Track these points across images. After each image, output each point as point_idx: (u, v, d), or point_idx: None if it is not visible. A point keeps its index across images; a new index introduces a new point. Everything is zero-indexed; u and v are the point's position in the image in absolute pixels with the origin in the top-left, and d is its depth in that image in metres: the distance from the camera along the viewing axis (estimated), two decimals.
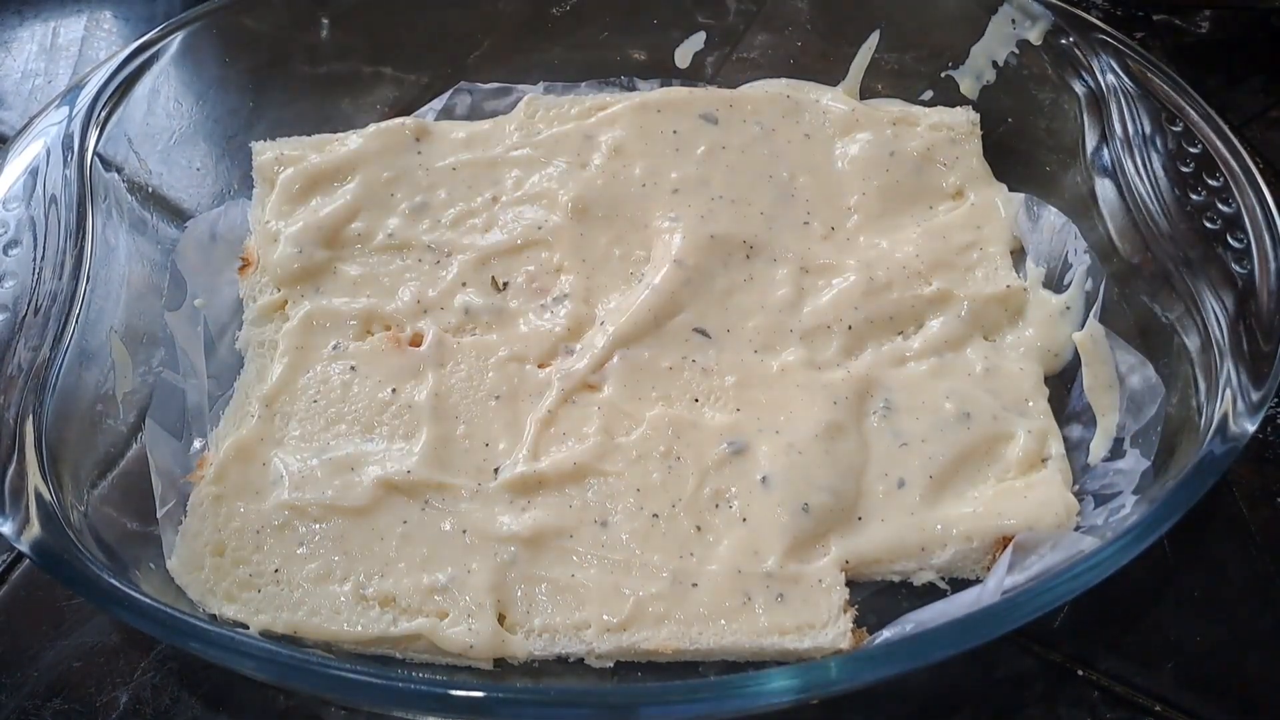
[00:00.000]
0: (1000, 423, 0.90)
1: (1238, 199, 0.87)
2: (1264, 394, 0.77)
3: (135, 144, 0.99)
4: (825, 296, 0.98)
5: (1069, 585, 0.69)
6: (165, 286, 0.98)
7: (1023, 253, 1.03)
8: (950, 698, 0.84)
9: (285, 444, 0.90)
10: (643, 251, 1.02)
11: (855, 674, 0.68)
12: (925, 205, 1.05)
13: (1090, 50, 0.98)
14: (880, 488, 0.87)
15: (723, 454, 0.88)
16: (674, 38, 1.18)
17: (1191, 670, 0.84)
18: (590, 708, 0.66)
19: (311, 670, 0.66)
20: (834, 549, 0.84)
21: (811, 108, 1.11)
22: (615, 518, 0.85)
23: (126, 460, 0.89)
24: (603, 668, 0.81)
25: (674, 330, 0.95)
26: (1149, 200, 0.90)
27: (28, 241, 0.86)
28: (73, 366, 0.84)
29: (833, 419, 0.89)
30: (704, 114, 1.09)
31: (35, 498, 0.74)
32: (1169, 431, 0.84)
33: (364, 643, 0.81)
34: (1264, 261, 0.83)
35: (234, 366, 0.97)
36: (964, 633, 0.69)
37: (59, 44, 1.32)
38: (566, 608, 0.81)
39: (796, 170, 1.06)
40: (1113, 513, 0.82)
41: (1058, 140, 1.01)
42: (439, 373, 0.93)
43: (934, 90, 1.13)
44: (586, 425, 0.90)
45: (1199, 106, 0.92)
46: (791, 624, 0.81)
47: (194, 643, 0.68)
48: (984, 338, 0.97)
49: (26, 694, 0.83)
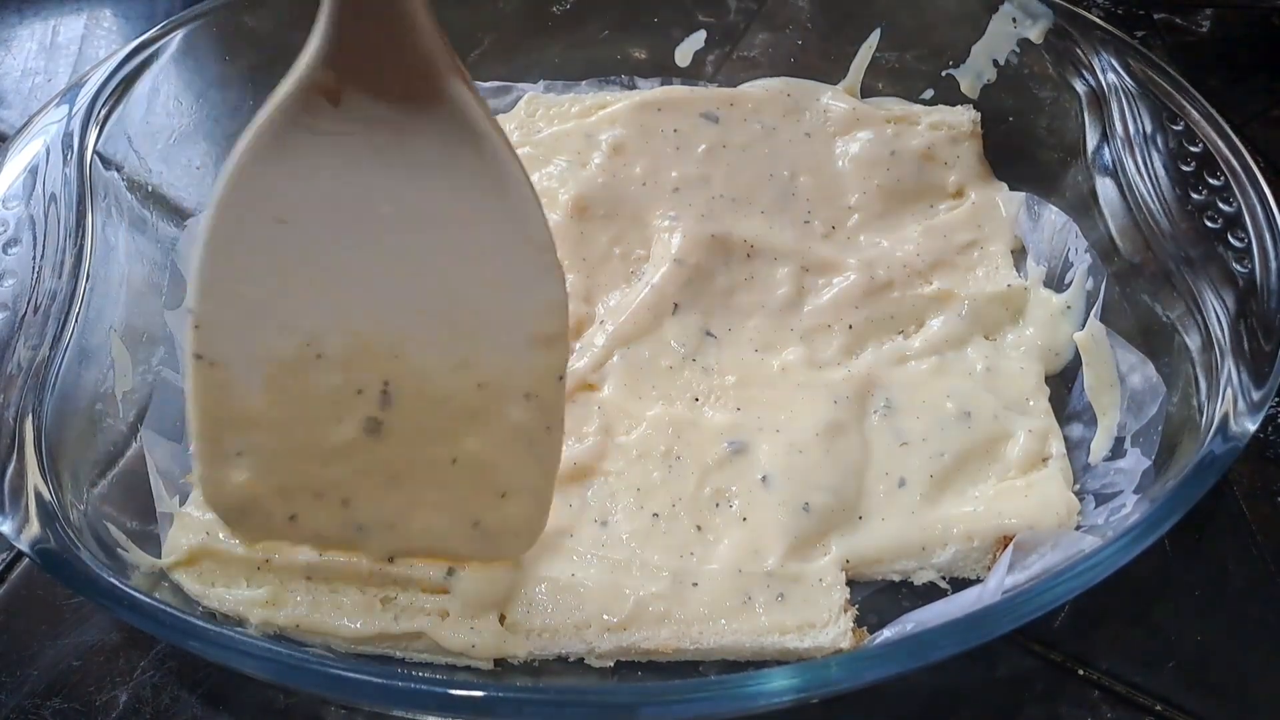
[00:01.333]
0: (1001, 422, 0.90)
1: (1239, 198, 0.87)
2: (1265, 393, 0.77)
3: (135, 142, 0.99)
4: (826, 295, 0.98)
5: (1070, 584, 0.69)
6: (165, 285, 0.97)
7: (1023, 252, 1.03)
8: (950, 697, 0.84)
9: None
10: (643, 250, 1.02)
11: (855, 673, 0.68)
12: (926, 204, 1.05)
13: (1091, 49, 0.98)
14: (881, 487, 0.87)
15: (723, 453, 0.88)
16: (674, 36, 1.18)
17: (1192, 669, 0.84)
18: (590, 707, 0.66)
19: (311, 669, 0.66)
20: (834, 548, 0.84)
21: (812, 106, 1.11)
22: (615, 517, 0.85)
23: (126, 459, 0.88)
24: (603, 667, 0.81)
25: (674, 329, 0.95)
26: (1150, 199, 0.90)
27: (27, 240, 0.86)
28: (72, 365, 0.84)
29: (833, 418, 0.89)
30: (704, 113, 1.09)
31: (35, 496, 0.73)
32: (1170, 431, 0.84)
33: (364, 640, 0.81)
34: (1265, 260, 0.83)
35: None
36: (964, 632, 0.69)
37: (59, 42, 1.32)
38: (567, 607, 0.81)
39: (797, 169, 1.06)
40: (1114, 512, 0.82)
41: (1059, 139, 1.01)
42: None
43: (935, 89, 1.13)
44: (586, 424, 0.90)
45: (1200, 105, 0.92)
46: (792, 623, 0.81)
47: (193, 641, 0.68)
48: (985, 337, 0.97)
49: (26, 693, 0.83)
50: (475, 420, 0.73)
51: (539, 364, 0.72)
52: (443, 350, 0.71)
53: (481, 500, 0.75)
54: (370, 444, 0.72)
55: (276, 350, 0.70)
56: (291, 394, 0.71)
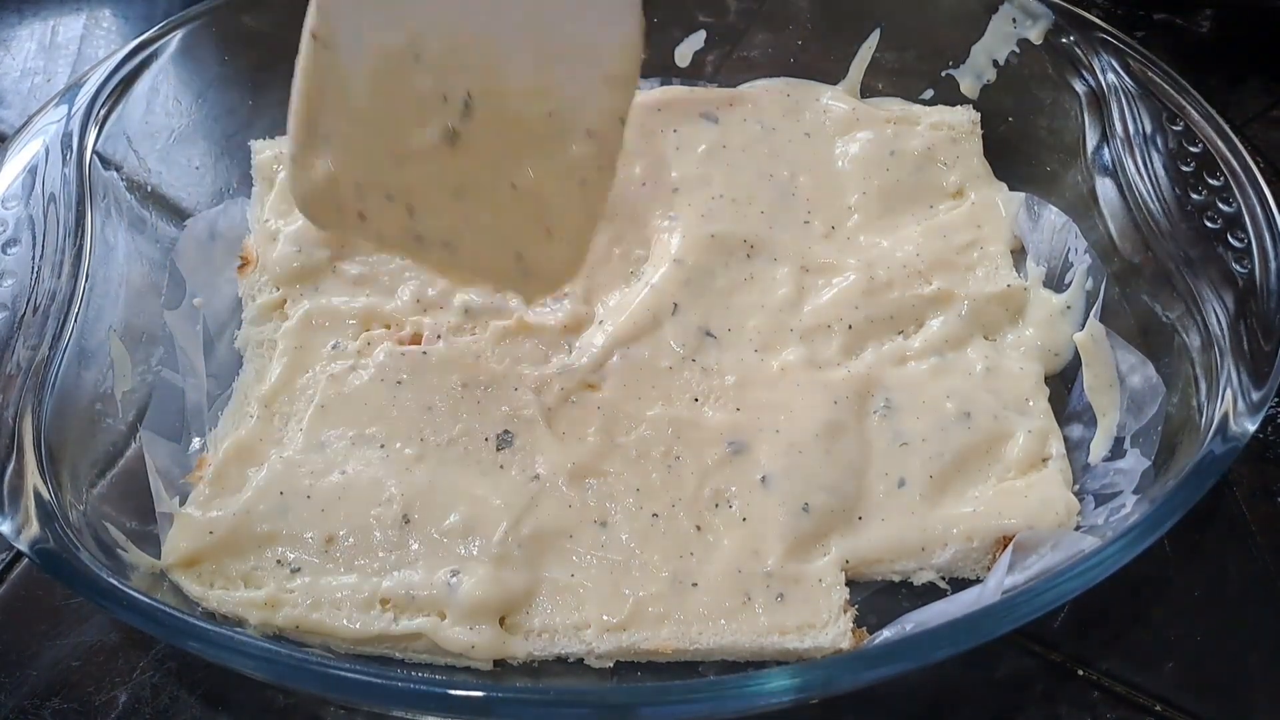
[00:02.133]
0: (1001, 422, 0.90)
1: (1238, 198, 0.87)
2: (1264, 393, 0.77)
3: (134, 142, 0.99)
4: (825, 296, 0.98)
5: (1069, 585, 0.69)
6: (164, 285, 0.97)
7: (1023, 252, 1.03)
8: (951, 697, 0.84)
9: (284, 444, 0.90)
10: (642, 250, 1.02)
11: (855, 674, 0.68)
12: (926, 204, 1.05)
13: (1091, 49, 0.98)
14: (880, 487, 0.87)
15: (723, 454, 0.88)
16: (674, 36, 1.18)
17: (1192, 670, 0.84)
18: (589, 707, 0.66)
19: (310, 670, 0.66)
20: (834, 549, 0.84)
21: (812, 107, 1.11)
22: (615, 518, 0.85)
23: (125, 459, 0.88)
24: (602, 668, 0.81)
25: (673, 329, 0.95)
26: (1150, 199, 0.90)
27: (26, 240, 0.86)
28: (71, 365, 0.84)
29: (833, 418, 0.89)
30: (704, 113, 1.09)
31: (34, 497, 0.74)
32: (1169, 431, 0.84)
33: (364, 641, 0.81)
34: (1264, 261, 0.83)
35: (233, 365, 0.97)
36: (964, 633, 0.69)
37: (58, 42, 1.32)
38: (566, 608, 0.81)
39: (797, 169, 1.06)
40: (1113, 512, 0.82)
41: (1058, 139, 1.01)
42: (438, 373, 0.93)
43: (934, 89, 1.13)
44: (586, 425, 0.90)
45: (1200, 106, 0.92)
46: (791, 624, 0.81)
47: (193, 642, 0.68)
48: (984, 337, 0.97)
49: (25, 693, 0.83)
50: (540, 148, 0.78)
51: (606, 102, 0.78)
52: (525, 72, 0.77)
53: (529, 234, 0.81)
54: (444, 153, 0.77)
55: (383, 42, 0.75)
56: (386, 90, 0.76)
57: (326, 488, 0.86)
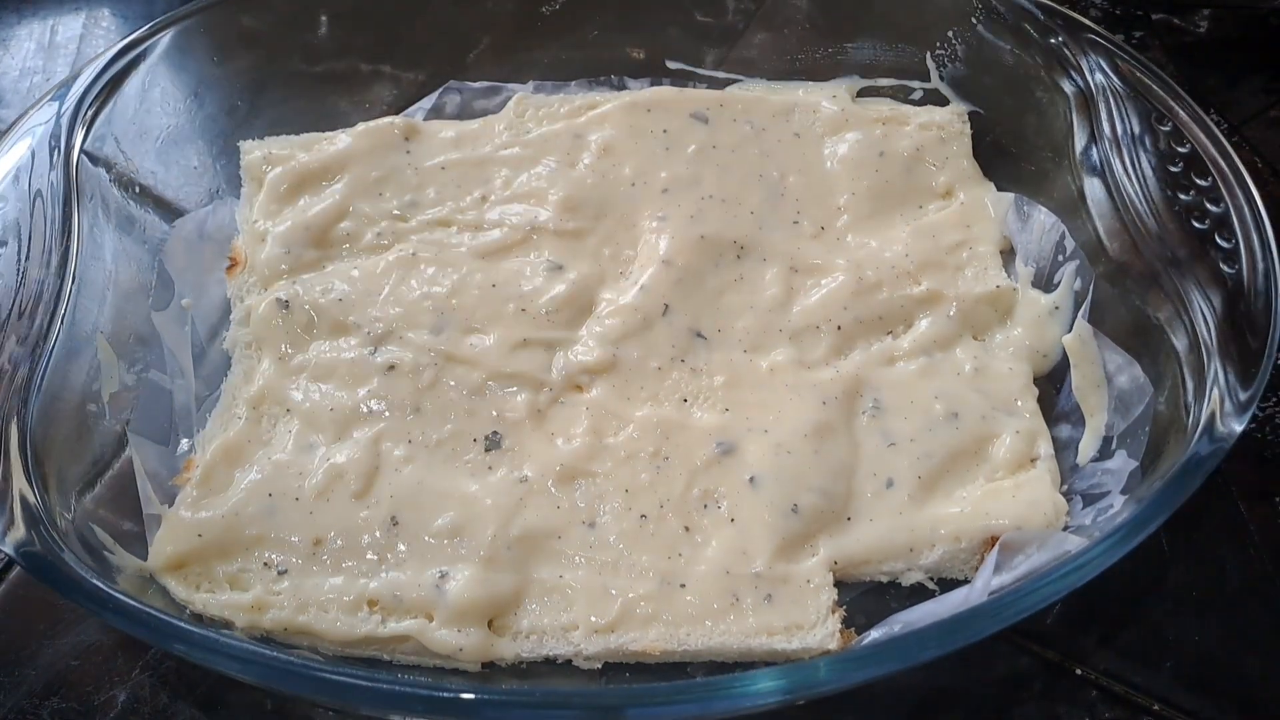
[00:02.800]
0: (989, 423, 0.90)
1: (1226, 199, 0.87)
2: (1251, 394, 0.77)
3: (123, 142, 0.99)
4: (815, 296, 0.98)
5: (1056, 586, 0.69)
6: (153, 286, 0.97)
7: (1012, 252, 1.03)
8: (948, 696, 0.84)
9: (272, 446, 0.89)
10: (632, 251, 1.02)
11: (843, 675, 0.68)
12: (915, 205, 1.05)
13: (1079, 50, 0.98)
14: (869, 488, 0.87)
15: (711, 454, 0.88)
16: (668, 36, 1.18)
17: (1190, 669, 0.85)
18: (577, 709, 0.66)
19: (295, 672, 0.66)
20: (822, 549, 0.84)
21: (801, 107, 1.11)
22: (603, 518, 0.85)
23: (113, 462, 0.88)
24: (591, 669, 0.81)
25: (663, 330, 0.95)
26: (1138, 200, 0.90)
27: (13, 241, 0.86)
28: (58, 367, 0.83)
29: (822, 419, 0.89)
30: (694, 113, 1.09)
31: (20, 500, 0.73)
32: (1157, 431, 0.84)
33: (352, 643, 0.80)
34: (1252, 262, 0.83)
35: (221, 367, 0.97)
36: (951, 633, 0.69)
37: (57, 42, 1.32)
38: (554, 609, 0.81)
39: (786, 170, 1.06)
40: (1101, 512, 0.82)
41: (1047, 140, 1.01)
42: (427, 373, 0.92)
43: (925, 90, 1.13)
44: (574, 426, 0.90)
45: (1188, 106, 0.92)
46: (780, 625, 0.81)
47: (178, 645, 0.68)
48: (973, 337, 0.97)
49: (24, 693, 0.83)
50: None
51: None
52: None
53: None
54: None
55: None
56: None
57: (314, 489, 0.86)
